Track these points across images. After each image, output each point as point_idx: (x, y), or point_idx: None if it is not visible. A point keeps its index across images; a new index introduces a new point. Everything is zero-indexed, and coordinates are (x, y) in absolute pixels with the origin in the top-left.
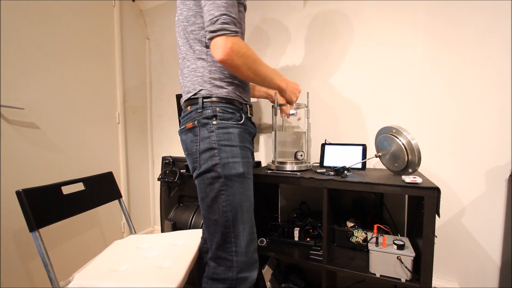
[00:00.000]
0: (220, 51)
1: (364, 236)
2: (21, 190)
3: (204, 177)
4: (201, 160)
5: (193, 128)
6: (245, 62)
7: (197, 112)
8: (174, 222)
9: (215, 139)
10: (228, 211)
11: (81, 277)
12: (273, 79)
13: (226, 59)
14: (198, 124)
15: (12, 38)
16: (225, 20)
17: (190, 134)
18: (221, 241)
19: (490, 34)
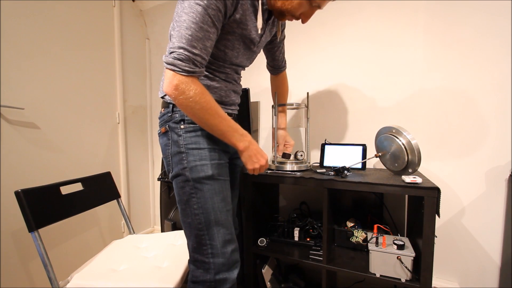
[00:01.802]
0: (165, 84)
1: (364, 236)
2: (20, 191)
3: (176, 181)
4: (173, 164)
5: (166, 133)
6: (189, 105)
7: (168, 116)
8: (174, 222)
9: (183, 142)
10: (200, 214)
11: (80, 277)
12: (227, 135)
13: (169, 95)
14: (169, 129)
15: (12, 38)
16: (180, 56)
17: (164, 138)
18: (196, 243)
19: (490, 34)
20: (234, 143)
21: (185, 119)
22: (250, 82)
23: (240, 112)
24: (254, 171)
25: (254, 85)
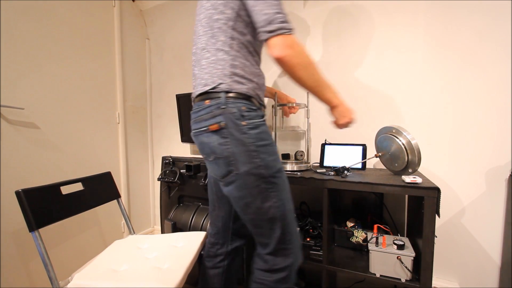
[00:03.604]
0: (278, 49)
1: (364, 236)
2: (21, 190)
3: (246, 180)
4: (238, 163)
5: (220, 130)
6: (302, 61)
7: (219, 108)
8: (174, 222)
9: (251, 141)
10: (280, 205)
11: (80, 277)
12: (326, 89)
13: (283, 57)
14: (226, 126)
15: (12, 38)
16: (283, 19)
17: (216, 136)
18: (281, 234)
19: (490, 34)
20: (328, 98)
21: (244, 115)
22: None
23: None
24: (343, 126)
25: None
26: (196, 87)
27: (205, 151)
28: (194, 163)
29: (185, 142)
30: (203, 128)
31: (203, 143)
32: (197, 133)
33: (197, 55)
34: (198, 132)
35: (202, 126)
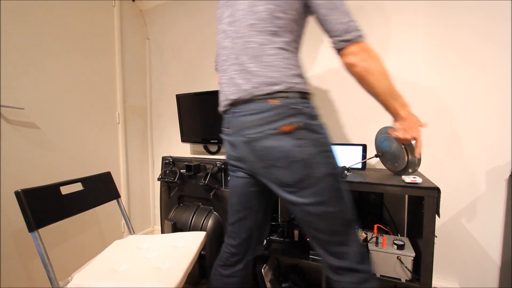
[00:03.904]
0: (356, 57)
1: (364, 236)
2: (20, 191)
3: (325, 183)
4: (318, 165)
5: (295, 132)
6: (377, 68)
7: (291, 109)
8: (174, 222)
9: (325, 141)
10: (350, 206)
11: (80, 277)
12: (396, 99)
13: (361, 64)
14: (302, 127)
15: (12, 38)
16: (357, 27)
17: (288, 138)
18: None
19: (490, 34)
20: (396, 109)
21: (314, 115)
22: None
23: None
24: (402, 141)
25: None
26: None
27: (272, 156)
28: (194, 163)
29: (185, 142)
30: (269, 130)
31: (269, 148)
32: (259, 137)
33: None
34: (261, 136)
35: (269, 128)
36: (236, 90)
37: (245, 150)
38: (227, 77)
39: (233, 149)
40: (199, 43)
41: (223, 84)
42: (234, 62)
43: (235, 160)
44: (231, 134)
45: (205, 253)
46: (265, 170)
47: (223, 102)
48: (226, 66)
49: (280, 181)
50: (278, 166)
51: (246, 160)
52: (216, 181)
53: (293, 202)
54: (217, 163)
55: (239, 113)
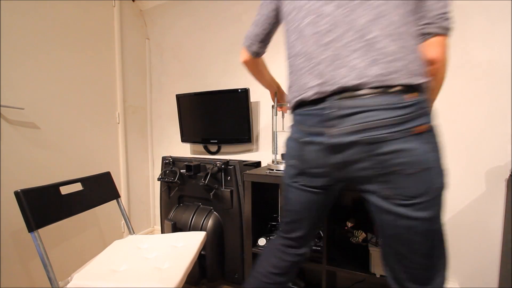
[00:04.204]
0: (440, 50)
1: (364, 236)
2: (20, 191)
3: (441, 195)
4: (440, 174)
5: (426, 133)
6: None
7: (423, 107)
8: (174, 222)
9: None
10: None
11: (80, 277)
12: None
13: (442, 59)
14: (430, 128)
15: (12, 38)
16: (451, 19)
17: (419, 141)
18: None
19: (489, 34)
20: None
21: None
22: (250, 82)
23: (240, 112)
24: None
25: (254, 85)
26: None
27: (402, 161)
28: (194, 163)
29: (185, 142)
30: (404, 131)
31: (398, 152)
32: (390, 137)
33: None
34: (393, 137)
35: (404, 128)
36: (353, 73)
37: (358, 155)
38: (327, 54)
39: (331, 155)
40: (199, 43)
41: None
42: (351, 36)
43: (325, 167)
44: (336, 136)
45: (205, 253)
46: (383, 178)
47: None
48: (327, 40)
49: (401, 191)
50: (404, 174)
51: (351, 166)
52: (216, 181)
53: (403, 216)
54: (217, 163)
55: (359, 108)
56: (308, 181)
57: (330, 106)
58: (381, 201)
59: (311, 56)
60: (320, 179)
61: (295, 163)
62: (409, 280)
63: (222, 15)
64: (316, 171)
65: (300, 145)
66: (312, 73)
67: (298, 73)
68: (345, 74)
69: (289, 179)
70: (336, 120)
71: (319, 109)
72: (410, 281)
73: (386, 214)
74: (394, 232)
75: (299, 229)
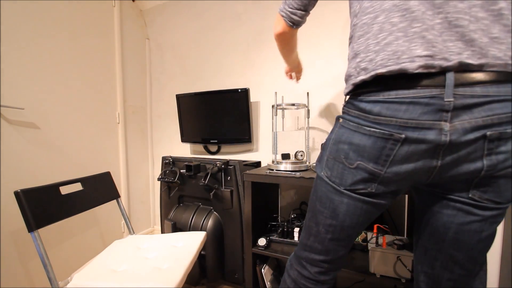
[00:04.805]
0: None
1: (364, 236)
2: (20, 191)
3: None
4: None
5: None
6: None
7: None
8: (174, 222)
9: None
10: None
11: (80, 277)
12: None
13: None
14: None
15: (12, 38)
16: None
17: None
18: None
19: None
20: None
21: None
22: (250, 82)
23: (240, 112)
24: None
25: (254, 85)
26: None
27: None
28: (194, 163)
29: (185, 142)
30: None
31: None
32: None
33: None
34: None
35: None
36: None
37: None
38: (439, 19)
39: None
40: (199, 43)
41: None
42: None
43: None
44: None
45: (205, 253)
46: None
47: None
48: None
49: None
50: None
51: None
52: (216, 181)
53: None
54: (217, 163)
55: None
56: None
57: (450, 91)
58: (462, 203)
59: (415, 17)
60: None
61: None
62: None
63: (222, 15)
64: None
65: (385, 142)
66: (415, 40)
67: (386, 35)
68: (464, 48)
69: (348, 185)
70: (459, 110)
71: (431, 95)
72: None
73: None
74: (458, 236)
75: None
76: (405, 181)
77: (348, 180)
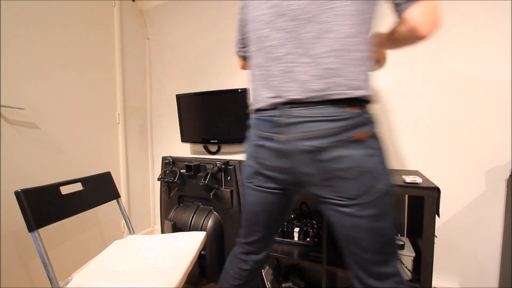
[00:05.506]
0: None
1: None
2: (20, 191)
3: (385, 196)
4: (382, 177)
5: (367, 140)
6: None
7: (364, 116)
8: (174, 222)
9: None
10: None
11: (80, 277)
12: None
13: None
14: (374, 135)
15: (12, 38)
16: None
17: (360, 147)
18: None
19: (490, 33)
20: None
21: (377, 122)
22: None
23: (240, 112)
24: None
25: None
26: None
27: (342, 167)
28: (194, 163)
29: (185, 142)
30: (345, 139)
31: (340, 157)
32: (332, 146)
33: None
34: (334, 145)
35: (345, 137)
36: (300, 87)
37: (302, 161)
38: (279, 68)
39: (280, 159)
40: (199, 43)
41: (271, 76)
42: (297, 52)
43: (276, 171)
44: (284, 142)
45: (205, 253)
46: (326, 182)
47: (270, 100)
48: (279, 54)
49: (344, 193)
50: (345, 178)
51: (297, 171)
52: (216, 181)
53: (348, 215)
54: (217, 163)
55: (304, 118)
56: (263, 181)
57: (280, 114)
58: (328, 204)
59: (266, 69)
60: (274, 181)
61: (252, 164)
62: (368, 276)
63: (222, 15)
64: (269, 173)
65: (255, 147)
66: (266, 85)
67: (256, 83)
68: (294, 88)
69: (246, 179)
70: (284, 127)
71: (270, 116)
72: (369, 277)
73: (335, 216)
74: (343, 232)
75: (256, 232)
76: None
77: (246, 175)
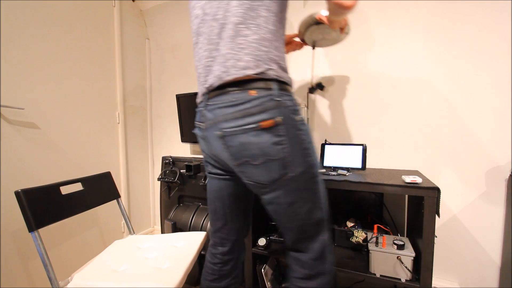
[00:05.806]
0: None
1: (364, 236)
2: (20, 191)
3: (300, 182)
4: (295, 164)
5: (275, 127)
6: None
7: (272, 101)
8: (174, 222)
9: (305, 138)
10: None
11: (80, 277)
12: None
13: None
14: (282, 122)
15: (12, 38)
16: None
17: (268, 134)
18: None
19: (490, 33)
20: None
21: (296, 109)
22: None
23: None
24: None
25: None
26: (225, 71)
27: (250, 153)
28: (194, 163)
29: (185, 142)
30: (249, 125)
31: (247, 144)
32: (237, 131)
33: (226, 31)
34: (240, 131)
35: (248, 122)
36: (211, 77)
37: (218, 146)
38: (202, 66)
39: (207, 146)
40: None
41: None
42: (208, 48)
43: (212, 158)
44: (204, 129)
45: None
46: (239, 168)
47: (199, 93)
48: (201, 54)
49: (254, 179)
50: (253, 164)
51: (219, 157)
52: None
53: (266, 201)
54: None
55: (214, 105)
56: (211, 168)
57: (204, 104)
58: (250, 187)
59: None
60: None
61: (203, 153)
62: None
63: None
64: (210, 160)
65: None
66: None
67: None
68: (208, 78)
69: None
70: (204, 116)
71: (199, 107)
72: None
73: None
74: (270, 213)
75: (216, 221)
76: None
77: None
